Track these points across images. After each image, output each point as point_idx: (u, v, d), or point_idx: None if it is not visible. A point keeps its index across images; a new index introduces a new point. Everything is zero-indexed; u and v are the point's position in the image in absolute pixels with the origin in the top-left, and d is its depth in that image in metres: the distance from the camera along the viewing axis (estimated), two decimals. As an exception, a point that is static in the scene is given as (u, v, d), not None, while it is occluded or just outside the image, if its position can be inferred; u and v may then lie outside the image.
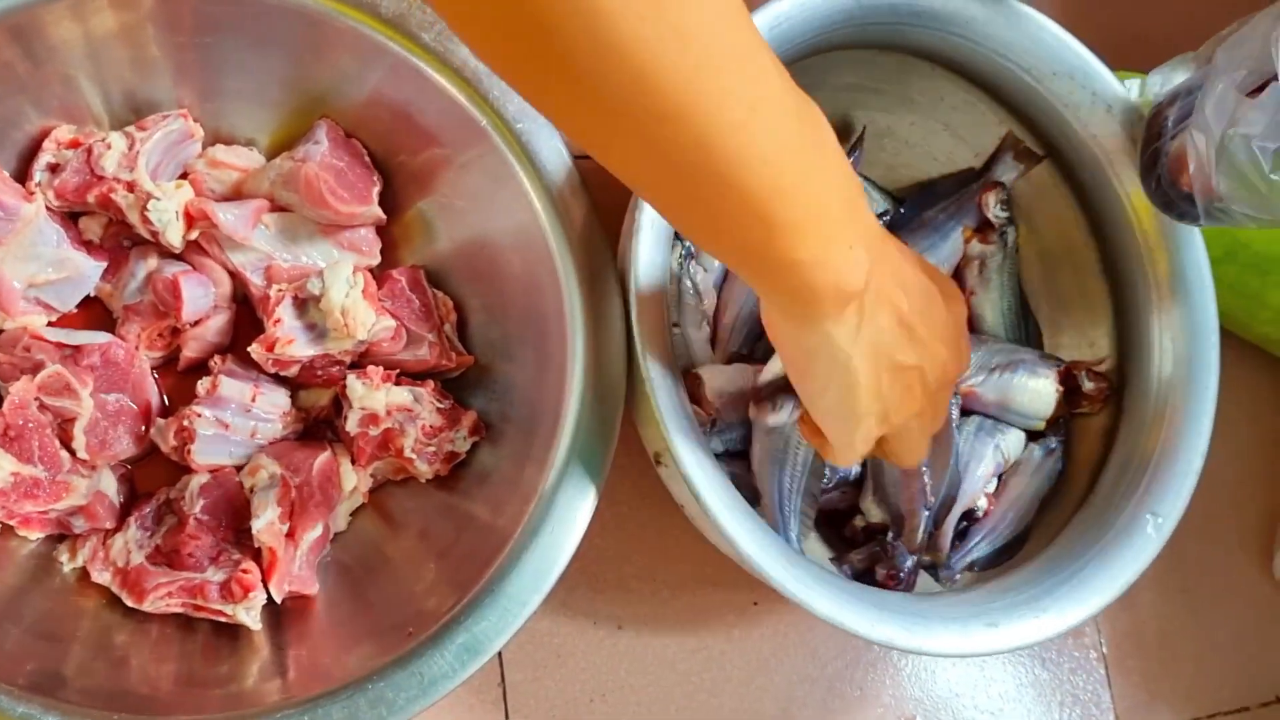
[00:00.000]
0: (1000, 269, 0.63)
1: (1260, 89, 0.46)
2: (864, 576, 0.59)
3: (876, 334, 0.41)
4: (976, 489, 0.60)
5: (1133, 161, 0.57)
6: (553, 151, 0.53)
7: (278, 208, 0.56)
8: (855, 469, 0.60)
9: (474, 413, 0.55)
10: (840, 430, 0.45)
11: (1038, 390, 0.61)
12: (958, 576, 0.60)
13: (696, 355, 0.58)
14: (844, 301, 0.40)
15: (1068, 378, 0.61)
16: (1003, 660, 0.67)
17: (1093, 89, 0.58)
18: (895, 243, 0.44)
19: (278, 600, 0.51)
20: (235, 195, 0.56)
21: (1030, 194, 0.63)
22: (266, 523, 0.49)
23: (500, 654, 0.55)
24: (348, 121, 0.57)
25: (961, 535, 0.61)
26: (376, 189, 0.56)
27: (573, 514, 0.50)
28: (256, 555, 0.51)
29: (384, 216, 0.57)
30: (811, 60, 0.56)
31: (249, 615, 0.49)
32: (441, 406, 0.54)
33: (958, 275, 0.64)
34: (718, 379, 0.56)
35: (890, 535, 0.58)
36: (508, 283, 0.55)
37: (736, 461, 0.57)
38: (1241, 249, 0.67)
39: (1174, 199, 0.52)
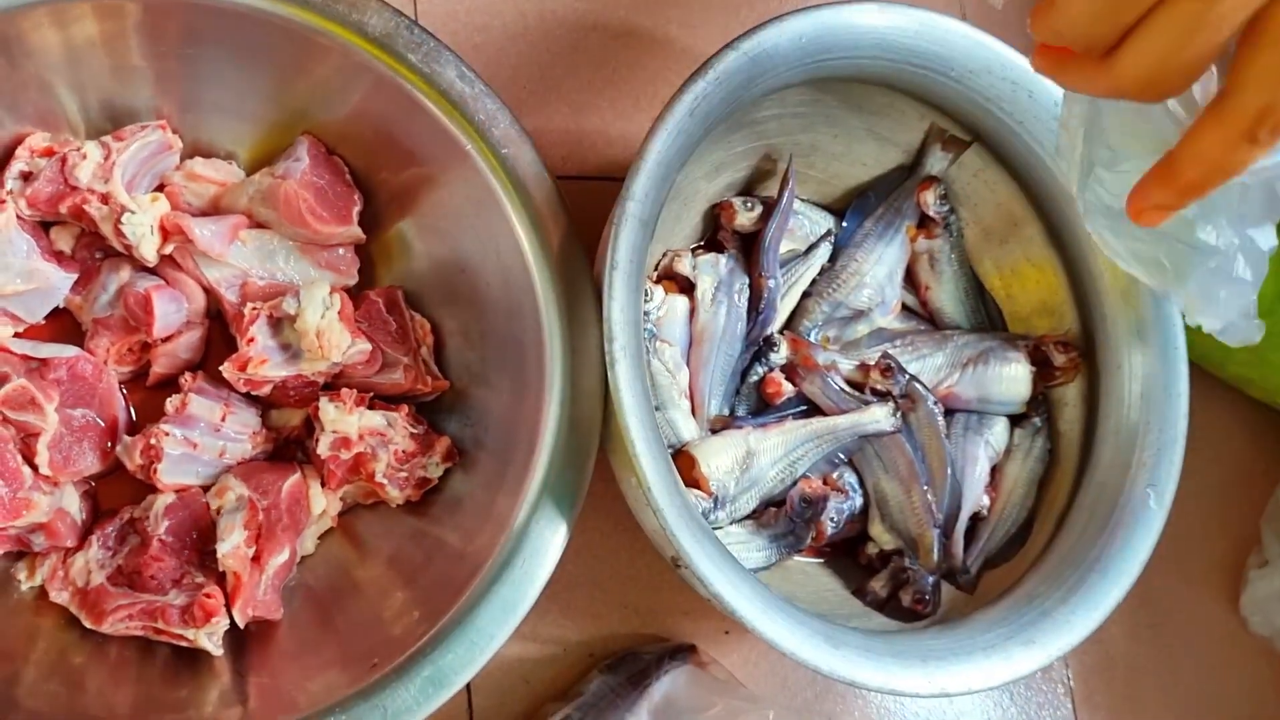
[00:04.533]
0: (950, 258, 0.65)
1: None
2: (889, 603, 0.59)
3: None
4: (977, 491, 0.61)
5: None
6: (536, 177, 0.53)
7: (256, 224, 0.55)
8: (858, 501, 0.60)
9: (447, 439, 0.54)
10: None
11: (1013, 376, 0.62)
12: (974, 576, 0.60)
13: (682, 433, 0.58)
14: None
15: (1037, 353, 0.62)
16: (972, 694, 0.67)
17: (1012, 79, 0.58)
18: None
19: (241, 625, 0.50)
20: (212, 210, 0.55)
21: (964, 178, 0.64)
22: (232, 546, 0.48)
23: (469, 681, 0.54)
24: (330, 137, 0.56)
25: (970, 534, 0.61)
26: (357, 209, 0.55)
27: (545, 545, 0.49)
28: (220, 578, 0.50)
29: (363, 236, 0.56)
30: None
31: (211, 641, 0.48)
32: (415, 431, 0.54)
33: (910, 274, 0.65)
34: (710, 455, 0.56)
35: (907, 560, 0.59)
36: (486, 307, 0.55)
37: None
38: (1219, 291, 0.67)
39: None
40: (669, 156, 0.51)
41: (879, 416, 0.59)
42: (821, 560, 0.62)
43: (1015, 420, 0.64)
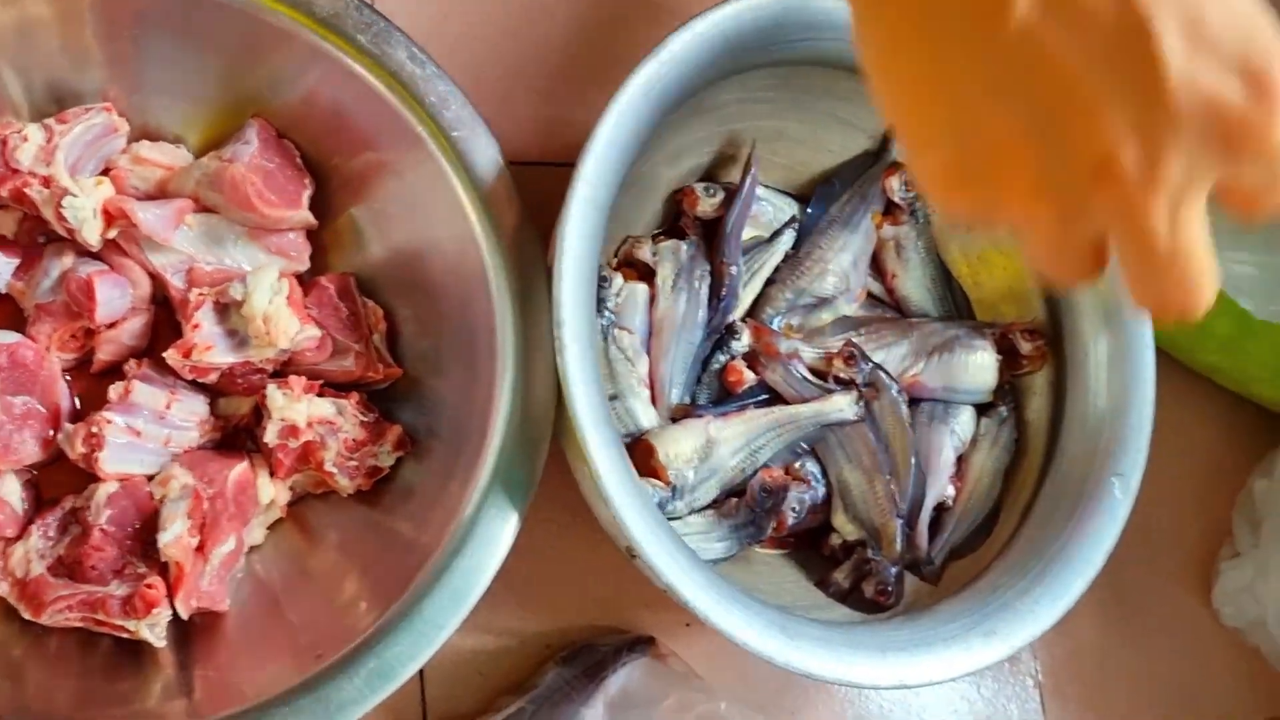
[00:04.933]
0: (916, 245, 0.64)
1: None
2: (851, 594, 0.58)
3: None
4: (942, 481, 0.60)
5: None
6: (488, 160, 0.52)
7: (203, 208, 0.54)
8: (820, 491, 0.59)
9: (399, 427, 0.54)
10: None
11: (979, 364, 0.61)
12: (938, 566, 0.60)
13: (641, 422, 0.57)
14: None
15: (1003, 341, 0.62)
16: (937, 686, 0.67)
17: None
18: None
19: (184, 616, 0.49)
20: (159, 194, 0.54)
21: None
22: (174, 536, 0.47)
23: (422, 672, 0.53)
24: (281, 121, 0.55)
25: (935, 525, 0.61)
26: (307, 193, 0.55)
27: (495, 535, 0.48)
28: (165, 569, 0.49)
29: (314, 221, 0.55)
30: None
31: (153, 632, 0.48)
32: (365, 420, 0.53)
33: (876, 262, 0.64)
34: (669, 444, 0.55)
35: (870, 551, 0.58)
36: (439, 294, 0.54)
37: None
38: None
39: None
40: (622, 138, 0.50)
41: (842, 405, 0.58)
42: (785, 552, 0.62)
43: (982, 409, 0.63)
